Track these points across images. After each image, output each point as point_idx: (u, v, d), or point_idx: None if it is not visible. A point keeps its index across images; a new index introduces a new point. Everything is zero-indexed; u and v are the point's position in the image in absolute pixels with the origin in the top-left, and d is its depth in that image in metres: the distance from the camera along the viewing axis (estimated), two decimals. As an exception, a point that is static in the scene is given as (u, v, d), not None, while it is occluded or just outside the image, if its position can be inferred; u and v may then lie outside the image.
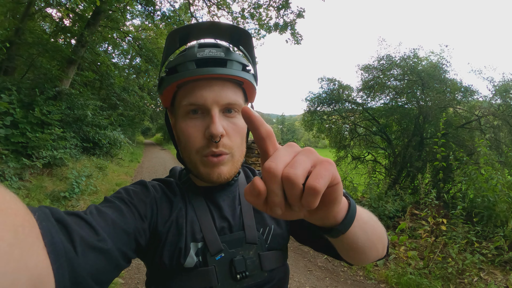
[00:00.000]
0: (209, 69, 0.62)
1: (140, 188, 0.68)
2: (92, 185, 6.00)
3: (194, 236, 0.65)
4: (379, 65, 7.64)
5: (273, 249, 0.72)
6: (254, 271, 0.67)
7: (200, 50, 0.64)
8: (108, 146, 9.58)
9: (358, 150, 9.45)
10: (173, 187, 0.73)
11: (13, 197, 0.33)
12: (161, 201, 0.68)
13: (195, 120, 0.64)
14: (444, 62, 6.87)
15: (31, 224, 0.35)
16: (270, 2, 9.39)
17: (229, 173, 0.67)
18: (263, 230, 0.71)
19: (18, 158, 5.18)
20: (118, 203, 0.60)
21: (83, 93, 8.55)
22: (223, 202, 0.72)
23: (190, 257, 0.63)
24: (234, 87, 0.66)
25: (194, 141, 0.64)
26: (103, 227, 0.52)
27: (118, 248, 0.53)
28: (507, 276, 3.16)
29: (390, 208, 5.16)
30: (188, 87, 0.64)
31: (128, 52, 15.79)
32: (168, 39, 0.68)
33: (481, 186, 4.08)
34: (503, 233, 3.50)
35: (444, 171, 4.85)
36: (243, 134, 0.69)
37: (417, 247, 4.01)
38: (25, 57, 7.39)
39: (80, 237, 0.46)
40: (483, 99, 6.79)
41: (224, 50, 0.65)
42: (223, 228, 0.68)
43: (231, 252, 0.66)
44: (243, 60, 0.68)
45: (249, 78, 0.67)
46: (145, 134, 42.80)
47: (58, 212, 0.47)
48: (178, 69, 0.64)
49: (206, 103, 0.62)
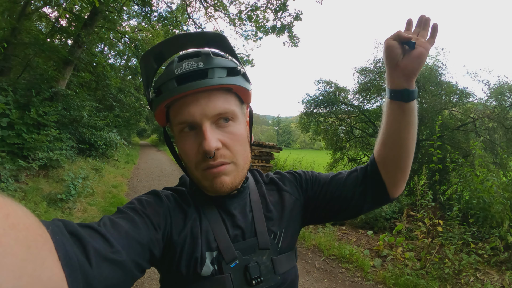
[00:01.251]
0: (190, 85, 0.59)
1: (153, 198, 0.68)
2: (89, 187, 5.95)
3: (209, 245, 0.66)
4: (375, 67, 7.72)
5: (285, 252, 0.73)
6: (268, 276, 0.68)
7: (179, 65, 0.62)
8: (104, 147, 9.51)
9: (354, 152, 9.53)
10: (186, 197, 0.73)
11: (26, 212, 0.33)
12: (175, 211, 0.68)
13: (189, 136, 0.64)
14: (440, 65, 6.97)
15: (44, 238, 0.35)
16: (267, 4, 9.44)
17: (233, 183, 0.66)
18: (274, 235, 0.73)
19: (14, 159, 5.12)
20: (131, 213, 0.60)
21: (79, 94, 8.49)
22: (235, 210, 0.72)
23: (206, 266, 0.64)
24: (223, 94, 0.64)
25: (191, 156, 0.64)
26: (116, 238, 0.52)
27: (132, 259, 0.53)
28: (503, 276, 3.21)
29: (386, 209, 5.21)
30: (175, 106, 0.64)
31: (124, 53, 15.70)
32: (142, 61, 0.65)
33: (476, 187, 4.13)
34: (498, 234, 3.55)
35: (440, 173, 4.90)
36: (243, 140, 0.67)
37: (414, 248, 4.05)
38: (21, 58, 7.32)
39: (94, 250, 0.47)
40: (478, 102, 6.88)
41: (204, 59, 0.62)
42: (236, 236, 0.69)
43: (245, 259, 0.67)
44: (227, 64, 0.64)
45: (236, 82, 0.64)
46: (141, 135, 42.56)
47: (72, 224, 0.48)
48: (161, 89, 0.63)
49: (195, 119, 0.61)
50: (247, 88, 0.67)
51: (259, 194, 0.78)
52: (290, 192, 0.80)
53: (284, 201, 0.79)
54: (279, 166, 10.45)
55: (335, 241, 4.46)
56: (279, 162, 10.74)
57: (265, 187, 0.82)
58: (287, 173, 0.86)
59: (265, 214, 0.74)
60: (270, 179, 0.84)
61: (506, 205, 3.71)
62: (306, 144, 69.10)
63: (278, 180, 0.83)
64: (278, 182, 0.82)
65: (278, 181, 0.83)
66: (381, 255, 4.05)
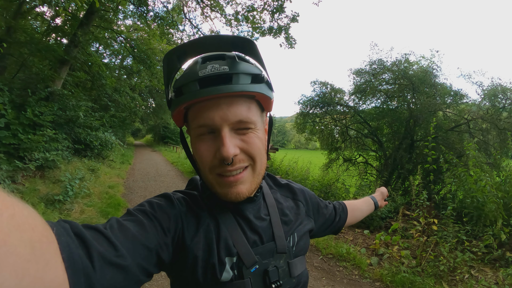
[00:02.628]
0: (213, 89, 0.57)
1: (165, 201, 0.67)
2: (86, 187, 5.89)
3: (228, 251, 0.65)
4: (371, 69, 7.81)
5: (299, 255, 0.76)
6: (285, 279, 0.69)
7: (203, 66, 0.59)
8: (100, 147, 9.44)
9: (350, 152, 9.61)
10: (198, 201, 0.71)
11: (31, 212, 0.33)
12: (187, 216, 0.67)
13: (207, 140, 0.62)
14: (435, 67, 7.07)
15: (49, 239, 0.35)
16: (264, 5, 9.46)
17: (249, 191, 0.65)
18: (289, 239, 0.75)
19: (10, 160, 5.07)
20: (140, 216, 0.59)
21: (75, 94, 8.41)
22: (250, 215, 0.71)
23: (226, 272, 0.64)
24: (245, 101, 0.62)
25: (206, 160, 0.63)
26: (122, 242, 0.52)
27: (137, 264, 0.53)
28: (496, 273, 3.30)
29: (382, 209, 5.29)
30: (195, 109, 0.62)
31: (120, 52, 15.60)
32: (165, 60, 0.64)
33: (470, 187, 4.22)
34: (492, 232, 3.64)
35: (435, 173, 4.98)
36: (261, 148, 0.66)
37: (409, 247, 4.13)
38: (16, 57, 7.23)
39: (98, 253, 0.46)
40: (472, 103, 7.01)
41: (229, 63, 0.60)
42: (255, 241, 0.69)
43: (264, 263, 0.67)
44: (252, 70, 0.62)
45: (260, 90, 0.62)
46: (135, 135, 42.26)
47: (77, 226, 0.47)
48: (183, 90, 0.61)
49: (215, 123, 0.60)
50: (269, 96, 0.66)
51: (273, 198, 0.80)
52: (304, 204, 0.87)
53: (299, 208, 0.84)
54: (275, 166, 10.46)
55: (332, 240, 4.52)
56: (275, 162, 10.75)
57: (280, 192, 0.85)
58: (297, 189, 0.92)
59: (281, 218, 0.76)
60: (286, 185, 0.88)
61: (499, 204, 3.80)
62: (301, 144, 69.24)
63: (293, 189, 0.89)
64: (294, 191, 0.88)
65: (294, 189, 0.88)
66: (378, 254, 4.12)
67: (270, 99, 0.66)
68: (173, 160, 15.17)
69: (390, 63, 7.44)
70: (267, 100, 0.67)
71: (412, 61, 7.39)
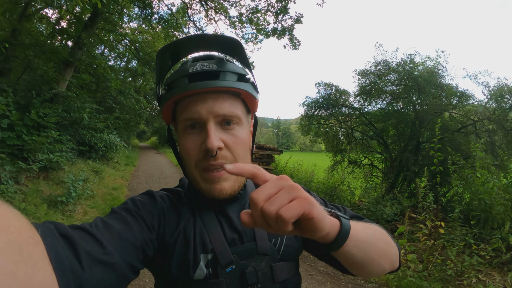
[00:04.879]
0: (201, 83, 0.61)
1: (148, 198, 0.68)
2: (89, 189, 5.92)
3: (204, 247, 0.64)
4: (376, 70, 7.72)
5: (286, 260, 0.70)
6: (266, 283, 0.65)
7: (193, 64, 0.63)
8: (104, 149, 9.50)
9: (355, 155, 9.52)
10: (181, 197, 0.72)
11: (16, 214, 0.33)
12: (169, 212, 0.67)
13: (193, 135, 0.64)
14: (440, 67, 6.96)
15: (35, 240, 0.35)
16: (268, 7, 9.46)
17: (232, 188, 0.66)
18: (275, 241, 0.70)
19: (14, 161, 5.10)
20: (124, 214, 0.60)
21: (80, 96, 8.48)
22: (233, 213, 0.70)
23: (200, 269, 0.62)
24: (231, 98, 0.65)
25: (192, 155, 0.64)
26: (109, 240, 0.52)
27: (125, 261, 0.53)
28: (505, 277, 3.21)
29: (388, 212, 5.20)
30: (184, 103, 0.64)
31: (124, 55, 15.73)
32: (158, 57, 0.67)
33: (477, 189, 4.13)
34: (500, 235, 3.55)
35: (441, 175, 4.90)
36: (245, 145, 0.67)
37: (416, 250, 4.05)
38: (21, 59, 7.32)
39: (85, 252, 0.46)
40: (478, 104, 6.89)
41: (217, 62, 0.64)
42: (234, 240, 0.67)
43: (242, 264, 0.65)
44: (238, 70, 0.66)
45: (245, 88, 0.65)
46: (140, 137, 42.60)
47: (63, 226, 0.47)
48: (172, 85, 0.64)
49: (201, 116, 0.62)
50: (254, 96, 0.68)
51: None
52: None
53: None
54: (280, 169, 10.44)
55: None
56: (279, 165, 10.74)
57: None
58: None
59: None
60: None
61: (507, 206, 3.72)
62: (306, 147, 69.11)
63: None
64: None
65: None
66: (383, 257, 4.04)
67: (255, 98, 0.69)
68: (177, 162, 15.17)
69: (395, 64, 7.35)
70: (252, 100, 0.69)
71: (417, 61, 7.29)
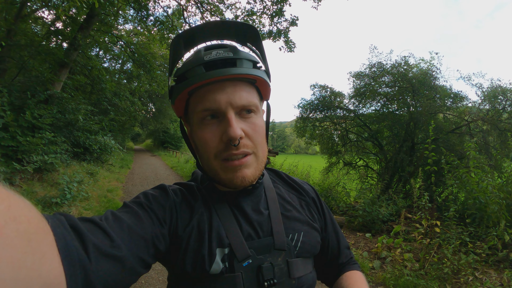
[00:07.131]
0: (219, 71, 0.59)
1: (160, 192, 0.67)
2: (84, 191, 5.85)
3: (220, 242, 0.63)
4: (370, 72, 7.81)
5: (302, 256, 0.69)
6: (282, 278, 0.64)
7: (207, 53, 0.61)
8: (99, 151, 9.42)
9: (350, 156, 9.57)
10: (194, 192, 0.71)
11: (27, 204, 0.33)
12: (181, 206, 0.66)
13: (211, 125, 0.62)
14: (434, 69, 7.08)
15: (45, 231, 0.35)
16: (263, 9, 9.51)
17: (254, 175, 0.65)
18: (292, 236, 0.69)
19: (8, 162, 5.04)
20: (136, 208, 0.59)
21: (75, 97, 8.42)
22: (248, 207, 0.69)
23: (216, 263, 0.61)
24: (247, 86, 0.64)
25: (211, 146, 0.62)
26: (118, 233, 0.51)
27: (134, 254, 0.52)
28: (501, 275, 3.25)
29: (384, 212, 5.23)
30: (200, 93, 0.62)
31: (120, 57, 15.66)
32: (172, 45, 0.66)
33: (472, 188, 4.18)
34: (495, 233, 3.60)
35: (436, 175, 4.95)
36: (263, 133, 0.66)
37: (412, 250, 4.07)
38: (16, 59, 7.24)
39: (93, 244, 0.46)
40: (472, 105, 7.01)
41: (232, 50, 0.62)
42: (250, 234, 0.66)
43: (259, 259, 0.64)
44: (253, 58, 0.65)
45: (261, 75, 0.64)
46: (135, 140, 42.29)
47: (73, 218, 0.47)
48: (187, 75, 0.62)
49: (221, 106, 0.60)
50: (268, 83, 0.68)
51: (276, 193, 0.76)
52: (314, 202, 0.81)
53: (303, 206, 0.78)
54: (275, 170, 10.43)
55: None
56: (275, 166, 10.73)
57: (284, 187, 0.81)
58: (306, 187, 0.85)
59: (283, 213, 0.71)
60: (293, 181, 0.83)
61: (501, 205, 3.77)
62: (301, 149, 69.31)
63: (300, 185, 0.83)
64: (302, 187, 0.82)
65: (300, 185, 0.83)
66: (380, 257, 4.06)
67: (269, 85, 0.69)
68: (173, 164, 15.13)
69: (389, 66, 7.45)
70: (266, 87, 0.69)
71: (411, 63, 7.40)
